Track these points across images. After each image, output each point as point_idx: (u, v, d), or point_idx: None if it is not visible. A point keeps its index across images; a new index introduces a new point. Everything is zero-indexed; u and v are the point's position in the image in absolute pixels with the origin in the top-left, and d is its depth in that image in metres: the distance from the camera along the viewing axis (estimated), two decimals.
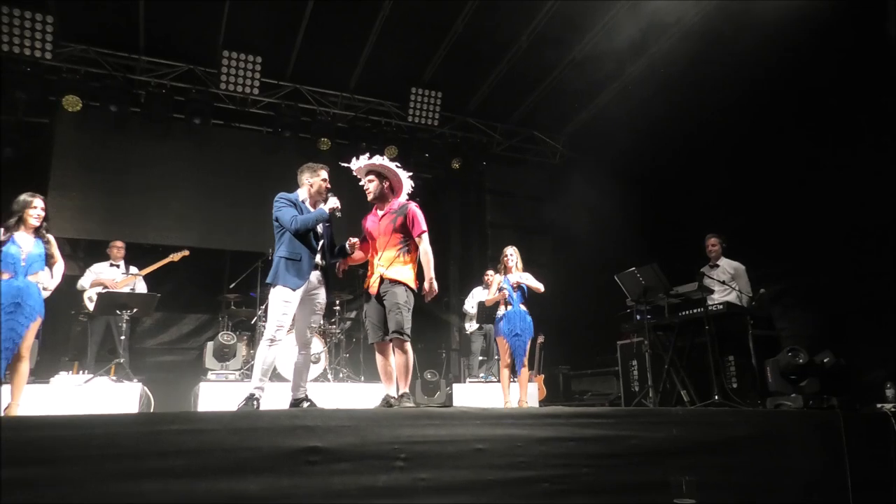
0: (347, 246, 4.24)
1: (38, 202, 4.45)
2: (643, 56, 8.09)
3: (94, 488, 1.91)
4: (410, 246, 4.14)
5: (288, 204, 4.13)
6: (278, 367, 6.33)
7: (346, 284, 8.11)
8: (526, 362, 5.76)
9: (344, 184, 4.73)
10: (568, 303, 8.62)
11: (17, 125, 8.00)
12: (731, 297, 5.74)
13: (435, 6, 7.71)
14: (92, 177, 8.25)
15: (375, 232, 4.17)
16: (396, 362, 4.05)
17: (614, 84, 8.82)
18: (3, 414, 4.16)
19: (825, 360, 5.10)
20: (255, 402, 3.90)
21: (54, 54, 7.53)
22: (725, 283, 5.81)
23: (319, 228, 4.22)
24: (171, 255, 7.19)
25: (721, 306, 5.48)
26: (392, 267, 4.06)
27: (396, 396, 4.04)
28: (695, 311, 5.50)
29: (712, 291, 5.68)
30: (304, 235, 4.08)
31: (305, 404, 4.11)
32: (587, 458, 2.77)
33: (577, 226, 9.01)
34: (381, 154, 9.48)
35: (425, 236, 4.18)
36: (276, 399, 4.70)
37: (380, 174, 4.23)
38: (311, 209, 4.20)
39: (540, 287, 5.83)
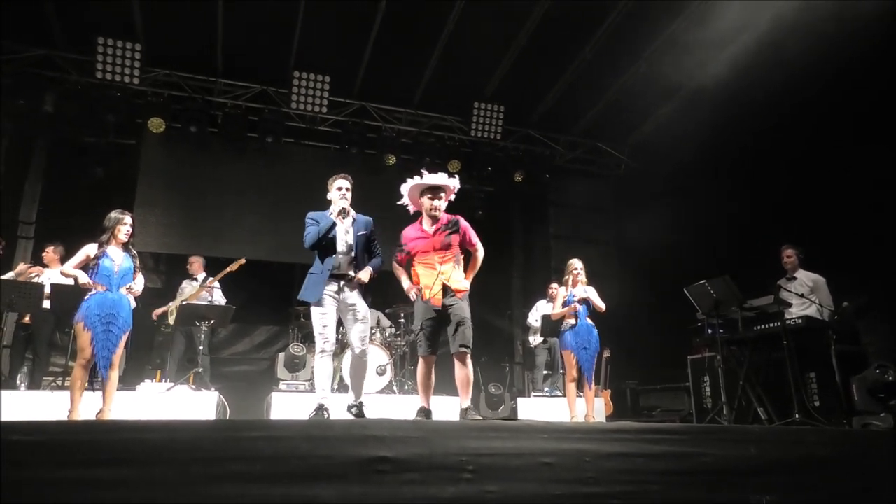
0: (410, 295, 4.23)
1: (128, 219, 4.69)
2: (708, 65, 7.86)
3: (180, 489, 2.02)
4: (461, 257, 4.28)
5: (311, 222, 4.29)
6: (348, 380, 6.52)
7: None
8: (593, 376, 5.67)
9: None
10: (635, 316, 8.43)
11: (107, 146, 8.58)
12: (811, 310, 5.46)
13: (499, 20, 7.78)
14: (173, 194, 8.74)
15: (427, 246, 4.18)
16: (462, 375, 4.07)
17: (679, 93, 8.61)
18: (96, 418, 4.44)
19: None
20: (324, 412, 4.06)
21: (141, 79, 8.05)
22: (804, 296, 5.54)
23: (348, 240, 4.28)
24: (228, 267, 7.35)
25: (800, 320, 5.23)
26: (453, 280, 4.13)
27: (462, 409, 4.08)
28: (771, 325, 5.27)
29: (790, 305, 5.43)
30: (323, 249, 4.23)
31: (353, 411, 4.23)
32: (657, 475, 2.70)
33: (643, 237, 8.82)
34: (445, 169, 9.60)
35: (481, 247, 4.36)
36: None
37: (446, 192, 4.29)
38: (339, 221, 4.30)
39: (602, 306, 5.76)
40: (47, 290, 5.89)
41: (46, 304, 5.91)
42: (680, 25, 7.51)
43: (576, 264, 5.89)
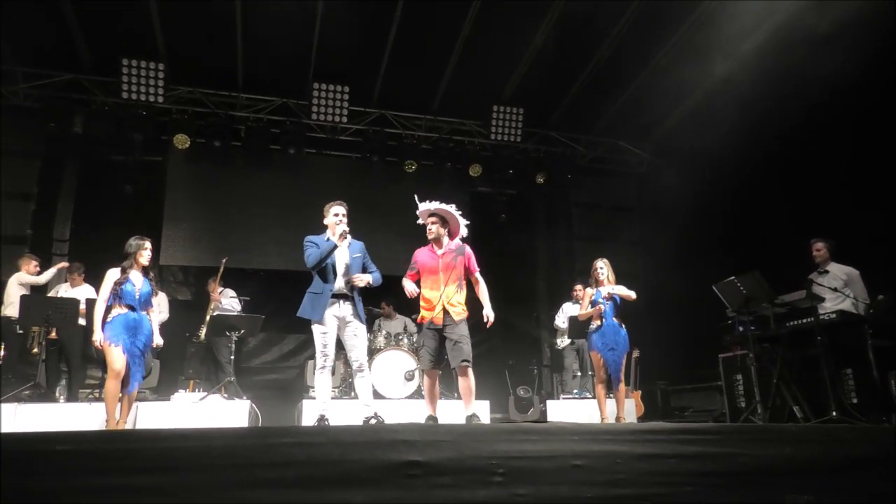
0: (407, 295, 4.51)
1: (148, 244, 4.90)
2: (729, 58, 7.74)
3: (216, 495, 2.05)
4: (463, 282, 4.53)
5: (310, 245, 4.53)
6: (377, 386, 6.62)
7: None
8: (622, 377, 5.62)
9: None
10: (663, 315, 8.33)
11: (134, 164, 8.78)
12: (846, 304, 5.34)
13: (514, 23, 7.78)
14: (200, 208, 8.89)
15: (435, 268, 4.47)
16: (465, 386, 4.37)
17: (699, 88, 8.50)
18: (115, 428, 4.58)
19: None
20: (325, 421, 4.41)
21: (165, 97, 8.23)
22: (838, 290, 5.41)
23: (346, 261, 4.52)
24: (219, 273, 7.30)
25: (834, 315, 5.12)
26: (453, 303, 4.40)
27: (467, 416, 4.33)
28: (804, 320, 5.17)
29: (823, 299, 5.31)
30: (323, 270, 4.48)
31: (373, 421, 4.40)
32: (691, 477, 2.65)
33: (668, 234, 8.72)
34: (465, 174, 9.60)
35: (481, 276, 4.62)
36: (388, 415, 5.02)
37: (442, 218, 4.54)
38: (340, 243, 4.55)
39: (632, 295, 5.69)
40: (82, 305, 6.05)
41: (81, 320, 6.07)
42: (699, 19, 7.42)
43: (598, 263, 5.85)
